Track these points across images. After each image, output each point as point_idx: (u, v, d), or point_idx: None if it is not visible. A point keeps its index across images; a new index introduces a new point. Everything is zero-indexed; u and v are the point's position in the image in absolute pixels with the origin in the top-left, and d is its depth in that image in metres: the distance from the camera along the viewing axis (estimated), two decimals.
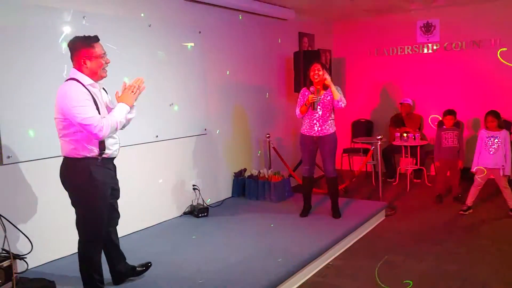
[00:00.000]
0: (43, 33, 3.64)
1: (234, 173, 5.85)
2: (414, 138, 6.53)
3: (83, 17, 3.92)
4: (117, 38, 4.18)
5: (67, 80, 2.84)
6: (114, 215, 3.16)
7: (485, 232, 4.61)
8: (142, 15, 4.52)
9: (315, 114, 4.63)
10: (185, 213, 5.11)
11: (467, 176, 5.74)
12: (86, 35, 2.88)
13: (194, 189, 5.21)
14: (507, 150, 4.96)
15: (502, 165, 4.96)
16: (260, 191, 5.62)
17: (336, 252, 4.17)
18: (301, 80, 6.08)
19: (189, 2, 5.06)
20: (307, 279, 3.68)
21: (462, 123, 6.76)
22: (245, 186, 5.79)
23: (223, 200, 5.66)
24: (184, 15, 5.04)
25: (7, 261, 2.17)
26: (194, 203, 5.17)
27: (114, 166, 3.08)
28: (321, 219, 4.75)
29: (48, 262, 3.70)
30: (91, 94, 2.81)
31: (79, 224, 2.91)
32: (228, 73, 5.68)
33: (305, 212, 4.90)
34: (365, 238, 4.63)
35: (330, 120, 4.68)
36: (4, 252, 2.22)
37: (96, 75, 2.87)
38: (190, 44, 4.98)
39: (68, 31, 3.78)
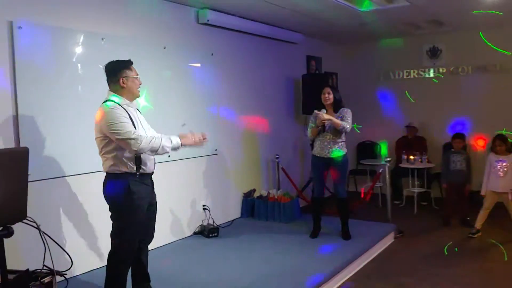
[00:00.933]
0: (62, 54, 3.73)
1: (244, 193, 5.88)
2: (421, 161, 6.58)
3: (102, 39, 4.01)
4: (134, 59, 4.23)
5: (105, 101, 3.03)
6: (148, 233, 3.26)
7: (495, 256, 4.62)
8: (164, 47, 4.64)
9: (326, 136, 4.72)
10: (195, 233, 5.13)
11: (475, 199, 5.77)
12: (120, 59, 3.11)
13: (204, 209, 5.24)
14: None
15: (511, 189, 4.99)
16: (269, 212, 5.65)
17: (348, 274, 4.18)
18: (309, 102, 6.17)
19: (202, 25, 5.16)
20: None
21: (470, 146, 6.82)
22: (254, 207, 5.81)
23: (233, 220, 5.67)
24: (198, 37, 5.14)
25: (48, 277, 2.21)
26: (205, 223, 5.19)
27: (152, 181, 3.23)
28: (331, 241, 4.76)
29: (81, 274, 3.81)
30: (127, 113, 2.99)
31: (114, 237, 3.05)
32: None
33: (315, 233, 4.93)
34: (376, 260, 4.64)
35: (341, 142, 4.76)
36: (45, 268, 2.26)
37: (133, 95, 3.10)
38: (197, 65, 5.06)
39: (87, 52, 3.88)
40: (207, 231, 5.01)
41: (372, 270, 4.34)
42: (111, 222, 3.07)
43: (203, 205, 5.25)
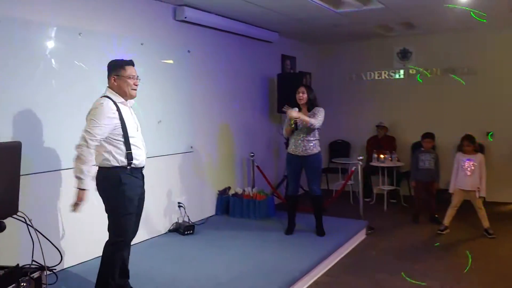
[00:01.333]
0: (36, 48, 3.67)
1: (219, 191, 5.91)
2: (391, 160, 6.76)
3: (79, 34, 3.96)
4: (111, 55, 4.22)
5: (101, 96, 3.13)
6: (135, 225, 3.30)
7: (463, 251, 4.80)
8: (142, 44, 4.61)
9: (300, 134, 4.80)
10: (170, 231, 5.12)
11: (443, 197, 5.97)
12: (122, 58, 3.24)
13: (179, 206, 5.23)
14: (482, 173, 5.22)
15: (478, 187, 5.20)
16: (244, 209, 5.69)
17: (323, 269, 4.27)
18: (284, 101, 6.24)
19: (180, 22, 5.16)
20: None
21: (436, 146, 7.04)
22: (229, 204, 5.84)
23: (207, 218, 5.69)
24: (175, 34, 5.13)
25: (37, 272, 2.19)
26: (180, 221, 5.19)
27: (142, 176, 3.30)
28: (306, 237, 4.86)
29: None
30: (120, 111, 3.08)
31: (110, 229, 3.16)
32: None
33: (290, 230, 5.00)
34: (349, 255, 4.76)
35: (314, 140, 4.86)
36: (35, 263, 2.24)
37: (126, 94, 3.16)
38: (169, 61, 5.04)
39: (63, 46, 3.83)
40: (182, 229, 5.01)
41: (345, 265, 4.45)
42: (107, 215, 3.17)
43: (178, 203, 5.24)
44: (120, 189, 3.07)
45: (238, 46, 6.27)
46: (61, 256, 2.43)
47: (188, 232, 5.01)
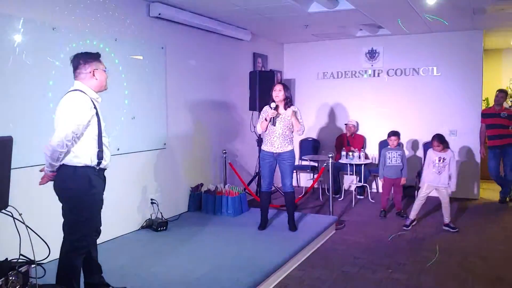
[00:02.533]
0: (6, 41, 3.61)
1: (191, 187, 5.94)
2: (359, 157, 6.95)
3: (53, 29, 3.91)
4: (85, 51, 4.19)
5: (72, 90, 2.94)
6: (98, 225, 3.19)
7: (427, 245, 5.01)
8: (116, 40, 4.58)
9: (275, 132, 4.90)
10: (142, 227, 5.12)
11: (409, 193, 6.20)
12: (89, 51, 3.09)
13: (152, 203, 5.24)
14: (453, 169, 5.42)
15: (448, 183, 5.40)
16: (217, 206, 5.74)
17: (295, 263, 4.38)
18: (256, 98, 6.33)
19: (154, 18, 5.16)
20: None
21: (402, 144, 7.29)
22: (201, 201, 5.88)
23: (180, 214, 5.71)
24: (149, 30, 5.13)
25: (24, 266, 2.18)
26: (153, 217, 5.19)
27: (105, 177, 3.18)
28: (278, 232, 4.96)
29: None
30: (95, 106, 2.97)
31: (68, 231, 2.97)
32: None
33: (263, 225, 5.10)
34: (320, 250, 4.88)
35: (289, 138, 4.99)
36: (22, 257, 2.23)
37: (103, 87, 3.09)
38: (139, 57, 5.02)
39: (36, 41, 3.78)
40: (155, 225, 5.02)
41: (317, 260, 4.57)
42: (64, 217, 2.98)
43: (151, 199, 5.25)
44: (90, 192, 2.94)
45: (212, 43, 6.31)
46: (49, 250, 2.43)
47: (162, 228, 5.03)
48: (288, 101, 4.94)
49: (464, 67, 7.26)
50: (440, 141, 5.44)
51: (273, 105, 4.85)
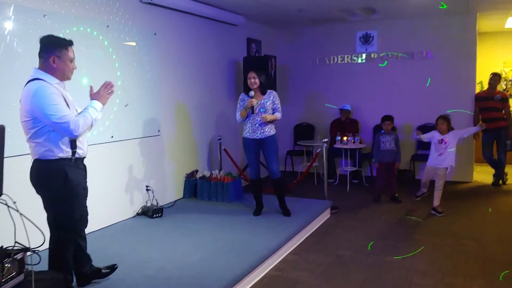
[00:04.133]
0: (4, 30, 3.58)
1: (186, 174, 5.95)
2: (354, 142, 6.97)
3: (44, 16, 3.88)
4: (77, 38, 4.15)
5: (31, 80, 2.80)
6: (84, 216, 3.16)
7: (420, 228, 5.07)
8: (107, 26, 4.54)
9: (257, 118, 4.89)
10: (138, 214, 5.14)
11: (403, 177, 6.24)
12: (61, 36, 2.93)
13: (147, 190, 5.25)
14: (462, 132, 5.62)
15: (451, 165, 5.44)
16: (212, 192, 5.77)
17: (290, 248, 4.43)
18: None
19: (146, 4, 5.11)
20: (266, 273, 3.88)
21: (396, 128, 7.31)
22: (196, 187, 5.90)
23: (175, 201, 5.73)
24: (141, 17, 5.09)
25: (20, 254, 2.20)
26: (148, 204, 5.21)
27: (85, 166, 3.11)
28: (273, 217, 4.99)
29: None
30: (60, 93, 2.83)
31: (53, 225, 2.92)
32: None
33: (258, 211, 5.14)
34: (315, 234, 4.93)
35: (271, 123, 4.97)
36: (18, 244, 2.24)
37: (64, 77, 2.90)
38: (132, 44, 4.98)
39: (27, 28, 3.74)
40: (151, 212, 5.04)
41: (311, 244, 4.62)
42: (46, 211, 2.92)
43: (146, 186, 5.26)
44: (68, 185, 2.83)
45: (205, 29, 6.27)
46: (44, 237, 2.43)
47: (157, 215, 5.05)
48: (262, 87, 4.93)
49: (458, 50, 7.26)
50: (444, 119, 5.46)
51: (251, 93, 4.87)
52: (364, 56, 7.87)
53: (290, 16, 7.08)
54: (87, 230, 3.27)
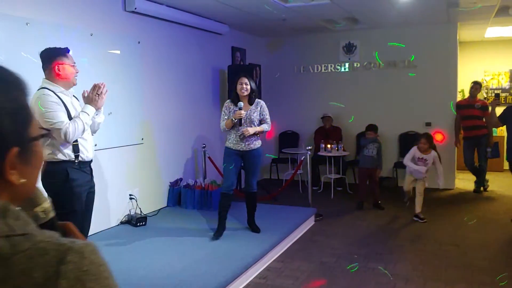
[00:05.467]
0: None
1: (170, 182, 5.93)
2: (338, 150, 7.03)
3: (27, 24, 3.86)
4: (60, 46, 4.15)
5: (38, 89, 2.98)
6: (87, 219, 3.24)
7: (403, 235, 5.13)
8: (91, 34, 4.53)
9: (242, 130, 4.53)
10: (122, 223, 5.11)
11: (385, 184, 6.31)
12: (57, 46, 3.09)
13: (131, 198, 5.23)
14: (439, 168, 5.54)
15: (425, 175, 5.54)
16: (196, 200, 5.76)
17: (274, 255, 4.44)
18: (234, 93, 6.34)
19: (129, 13, 5.12)
20: (250, 281, 3.88)
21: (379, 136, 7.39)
22: (180, 196, 5.89)
23: (159, 209, 5.71)
24: (125, 25, 5.09)
25: None
26: (132, 213, 5.19)
27: (91, 169, 3.23)
28: (258, 225, 4.98)
29: None
30: (62, 101, 2.98)
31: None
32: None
33: (220, 232, 4.59)
34: (299, 241, 4.95)
35: (256, 135, 4.64)
36: None
37: (69, 83, 3.07)
38: (116, 52, 4.98)
39: (10, 36, 3.73)
40: (134, 220, 5.02)
41: (296, 251, 4.64)
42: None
43: (130, 195, 5.24)
44: (67, 185, 2.96)
45: (189, 37, 6.29)
46: None
47: (141, 223, 5.03)
48: (254, 96, 4.59)
49: (440, 59, 7.39)
50: (428, 140, 5.50)
51: (240, 104, 4.47)
52: (347, 65, 7.96)
53: (274, 25, 7.14)
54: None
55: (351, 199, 6.74)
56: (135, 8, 5.03)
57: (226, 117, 4.59)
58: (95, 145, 4.65)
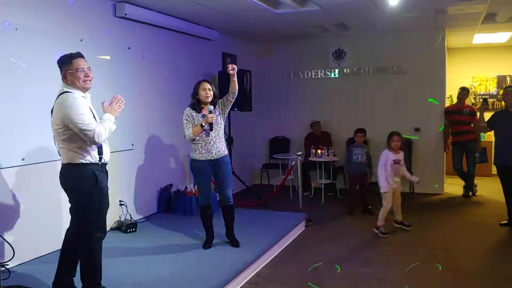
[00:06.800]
0: None
1: (160, 188, 5.92)
2: (328, 155, 7.06)
3: (15, 29, 3.85)
4: (50, 51, 4.14)
5: (61, 93, 3.08)
6: (103, 224, 3.33)
7: (392, 240, 5.16)
8: (81, 40, 4.54)
9: (210, 135, 4.30)
10: (112, 229, 5.08)
11: (375, 189, 6.31)
12: (68, 53, 3.19)
13: (121, 204, 5.20)
14: (403, 165, 5.40)
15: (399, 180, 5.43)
16: (187, 206, 5.74)
17: (265, 261, 4.44)
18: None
19: (120, 18, 5.12)
20: (240, 287, 3.88)
21: (368, 141, 7.44)
22: (171, 201, 5.87)
23: (149, 215, 5.69)
24: (115, 31, 5.09)
25: None
26: (122, 219, 5.16)
27: (107, 171, 3.31)
28: (247, 231, 4.97)
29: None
30: (86, 105, 3.12)
31: (83, 227, 3.15)
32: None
33: (209, 243, 4.52)
34: (290, 246, 4.96)
35: (224, 140, 4.46)
36: None
37: (79, 88, 3.13)
38: (106, 57, 4.97)
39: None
40: (124, 227, 4.99)
41: (286, 257, 4.64)
42: (74, 214, 3.16)
43: (120, 201, 5.21)
44: (98, 186, 3.09)
45: (179, 43, 6.30)
46: (14, 252, 2.41)
47: (131, 230, 5.00)
48: (216, 100, 4.42)
49: (428, 65, 7.47)
50: (400, 136, 5.34)
51: (210, 107, 4.25)
52: (337, 71, 8.01)
53: (264, 32, 7.18)
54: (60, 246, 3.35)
55: (342, 204, 6.77)
56: (126, 14, 5.03)
57: (191, 125, 4.32)
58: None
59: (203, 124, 4.20)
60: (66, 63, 3.12)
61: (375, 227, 5.38)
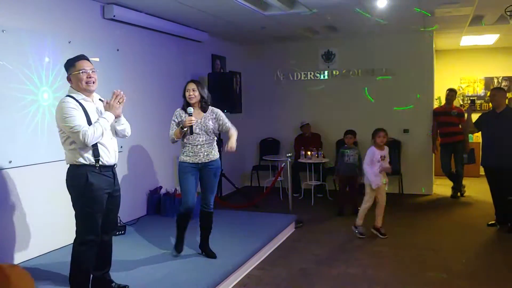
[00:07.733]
0: None
1: (150, 190, 5.89)
2: (317, 156, 7.08)
3: (2, 31, 3.81)
4: (37, 53, 4.12)
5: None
6: (108, 222, 3.35)
7: (381, 240, 5.18)
8: (69, 42, 4.51)
9: (198, 139, 4.13)
10: None
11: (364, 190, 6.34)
12: (73, 56, 3.25)
13: None
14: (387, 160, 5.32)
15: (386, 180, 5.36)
16: (176, 208, 5.69)
17: (255, 262, 4.44)
18: (215, 101, 6.33)
19: (108, 20, 5.09)
20: None
21: (357, 142, 7.47)
22: (160, 204, 5.84)
23: (138, 218, 5.66)
24: (104, 32, 5.06)
25: None
26: None
27: (113, 173, 3.31)
28: (237, 232, 4.99)
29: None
30: (83, 107, 3.12)
31: (76, 225, 3.20)
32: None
33: (180, 249, 4.33)
34: (279, 248, 4.97)
35: (215, 144, 4.29)
36: None
37: (85, 90, 3.18)
38: (95, 59, 4.94)
39: None
40: None
41: (276, 258, 4.65)
42: (75, 212, 3.21)
43: None
44: (86, 189, 3.10)
45: (168, 45, 6.28)
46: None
47: (120, 232, 4.97)
48: (204, 103, 4.20)
49: (417, 67, 7.52)
50: (385, 131, 5.27)
51: (190, 109, 4.07)
52: (326, 73, 8.04)
53: (254, 33, 7.19)
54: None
55: (332, 205, 6.79)
56: (114, 16, 5.01)
57: (176, 126, 4.21)
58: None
59: (182, 128, 4.06)
60: (70, 65, 3.18)
61: (353, 225, 5.39)
